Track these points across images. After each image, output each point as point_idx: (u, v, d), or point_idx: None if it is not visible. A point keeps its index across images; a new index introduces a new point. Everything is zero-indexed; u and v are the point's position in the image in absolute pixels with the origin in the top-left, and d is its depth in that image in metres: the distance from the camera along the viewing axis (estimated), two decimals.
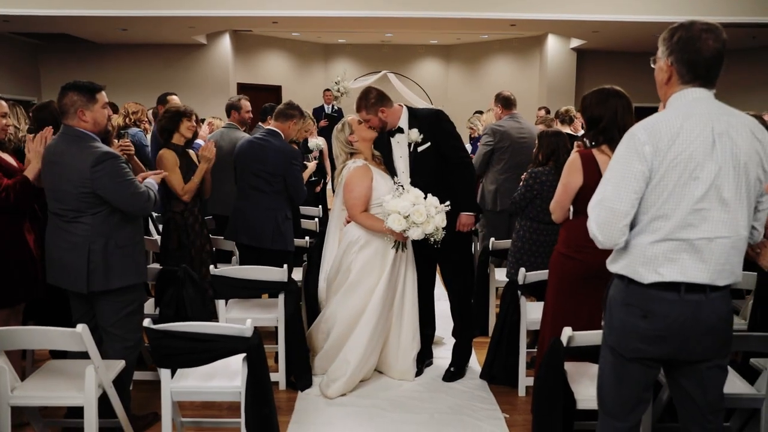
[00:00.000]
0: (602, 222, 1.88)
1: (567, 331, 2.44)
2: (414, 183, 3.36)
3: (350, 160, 3.48)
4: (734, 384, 2.61)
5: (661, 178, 1.82)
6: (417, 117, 3.44)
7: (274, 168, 3.80)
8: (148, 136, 5.18)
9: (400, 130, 3.44)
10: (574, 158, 2.74)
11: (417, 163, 3.41)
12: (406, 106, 3.50)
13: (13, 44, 10.12)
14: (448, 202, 3.25)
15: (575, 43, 10.99)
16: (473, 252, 4.92)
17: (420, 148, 3.39)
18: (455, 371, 3.64)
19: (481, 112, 7.09)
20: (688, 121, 1.81)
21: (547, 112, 7.38)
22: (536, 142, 3.91)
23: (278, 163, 3.81)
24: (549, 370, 2.50)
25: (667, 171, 1.81)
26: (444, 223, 3.21)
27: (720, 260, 1.83)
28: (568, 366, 2.54)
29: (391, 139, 3.48)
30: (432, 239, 3.22)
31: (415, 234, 3.16)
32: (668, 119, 1.83)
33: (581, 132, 4.67)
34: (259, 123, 5.02)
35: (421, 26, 10.22)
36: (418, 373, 3.65)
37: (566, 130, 5.54)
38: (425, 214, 3.13)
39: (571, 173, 2.72)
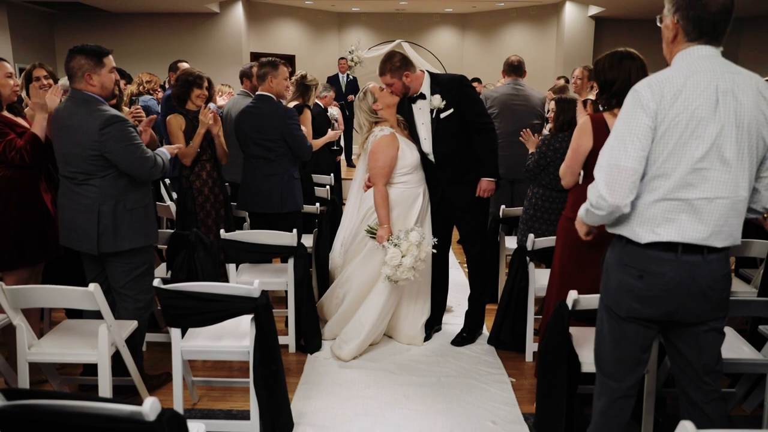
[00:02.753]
0: (610, 181, 1.83)
1: (572, 294, 2.44)
2: (437, 150, 3.40)
3: (377, 127, 3.48)
4: (741, 350, 2.60)
5: (662, 135, 1.79)
6: (439, 83, 3.39)
7: (272, 133, 3.73)
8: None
9: (422, 97, 3.40)
10: (584, 121, 2.71)
11: (439, 130, 3.38)
12: (428, 72, 3.44)
13: (28, 13, 10.14)
14: (430, 246, 3.40)
15: (593, 10, 10.73)
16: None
17: (443, 115, 3.35)
18: (467, 336, 3.68)
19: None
20: (692, 79, 1.78)
21: (567, 81, 7.26)
22: (550, 108, 3.85)
23: (274, 127, 3.72)
24: (554, 333, 2.51)
25: (668, 128, 1.78)
26: (408, 268, 3.26)
27: (719, 221, 1.81)
28: (573, 330, 2.55)
29: (413, 105, 3.45)
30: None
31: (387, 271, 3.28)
32: (672, 76, 1.80)
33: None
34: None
35: None
36: (427, 338, 3.69)
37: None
38: (399, 259, 3.24)
39: (582, 136, 2.69)
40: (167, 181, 5.11)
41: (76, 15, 10.71)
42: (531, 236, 3.32)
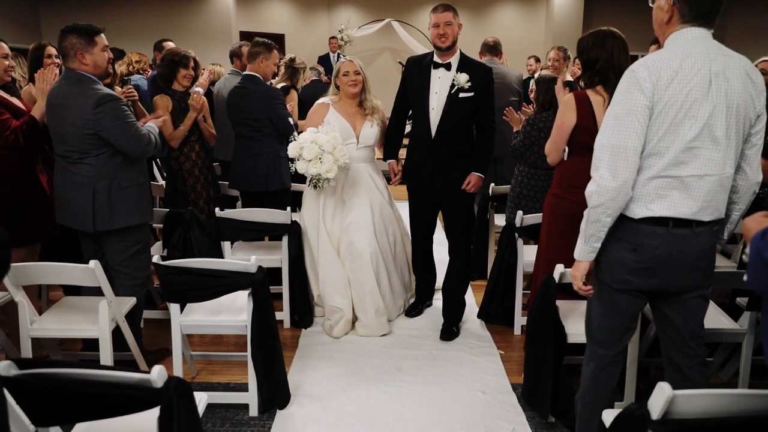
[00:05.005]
0: (614, 161, 1.87)
1: (559, 268, 2.53)
2: (443, 125, 3.31)
3: (329, 95, 3.65)
4: (719, 320, 2.72)
5: (658, 115, 1.85)
6: (468, 63, 3.32)
7: (257, 112, 3.81)
8: None
9: (447, 67, 3.31)
10: (568, 98, 2.77)
11: (452, 107, 3.29)
12: (460, 50, 3.36)
13: None
14: (347, 158, 3.32)
15: None
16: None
17: (461, 94, 3.28)
18: (457, 330, 3.59)
19: None
20: (687, 60, 1.83)
21: (537, 60, 7.32)
22: (533, 87, 3.91)
23: (259, 107, 3.80)
24: (541, 305, 2.61)
25: (664, 108, 1.84)
26: (331, 175, 3.26)
27: (707, 197, 1.90)
28: (560, 303, 2.64)
29: (434, 70, 3.34)
30: (316, 182, 3.31)
31: (300, 167, 3.27)
32: (667, 58, 1.85)
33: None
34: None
35: None
36: (418, 313, 3.78)
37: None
38: (316, 154, 3.23)
39: (565, 113, 2.75)
40: (158, 161, 5.14)
41: None
42: (519, 213, 3.41)
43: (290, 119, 3.90)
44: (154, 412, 1.65)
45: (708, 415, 1.53)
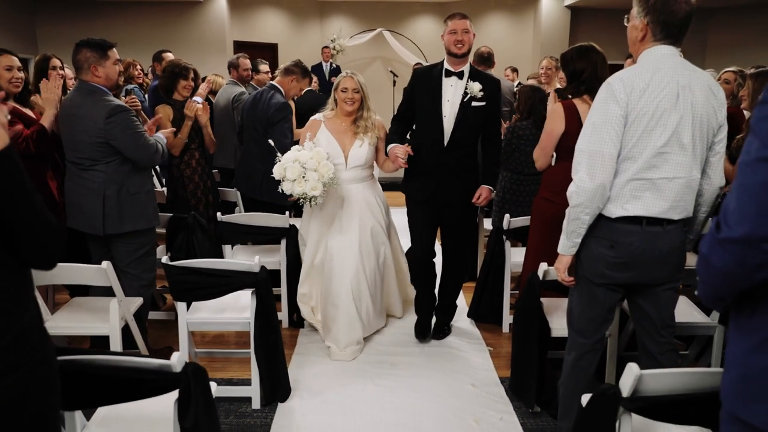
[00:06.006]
0: (591, 165, 2.07)
1: (543, 266, 2.72)
2: (456, 133, 3.28)
3: (325, 110, 3.61)
4: (693, 315, 2.91)
5: (631, 123, 2.05)
6: (478, 75, 3.35)
7: (262, 119, 4.02)
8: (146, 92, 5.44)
9: (459, 75, 3.29)
10: (556, 107, 2.96)
11: (465, 116, 3.28)
12: (470, 62, 3.40)
13: (8, 2, 10.11)
14: (333, 172, 3.24)
15: (569, 0, 11.02)
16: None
17: (474, 103, 3.27)
18: (448, 329, 3.73)
19: None
20: (657, 75, 2.03)
21: (514, 71, 7.56)
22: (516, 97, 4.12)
23: (265, 114, 4.02)
24: (527, 301, 2.79)
25: (637, 117, 2.04)
26: (316, 192, 3.20)
27: (676, 197, 2.09)
28: (544, 300, 2.83)
29: (445, 79, 3.31)
30: (304, 201, 3.25)
31: (286, 188, 3.23)
32: (640, 72, 2.05)
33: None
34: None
35: None
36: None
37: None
38: (299, 173, 3.18)
39: (554, 120, 2.94)
40: (158, 168, 5.29)
41: (58, 3, 10.67)
42: (507, 216, 3.59)
43: (288, 136, 4.02)
44: (168, 400, 1.82)
45: (671, 392, 1.72)
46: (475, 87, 3.25)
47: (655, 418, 1.78)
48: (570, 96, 2.99)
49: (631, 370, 1.69)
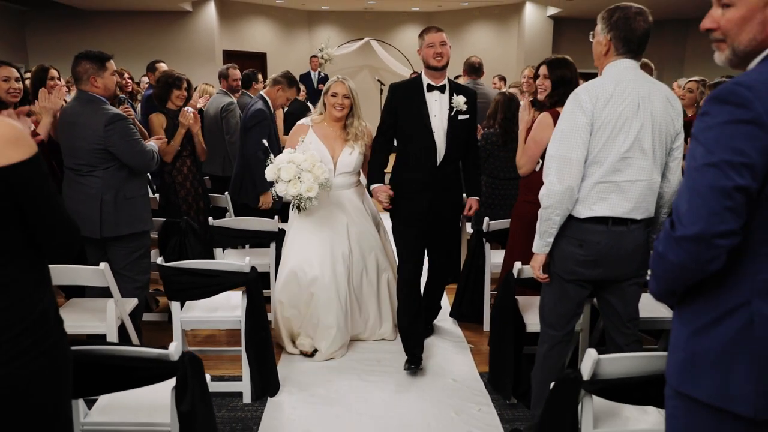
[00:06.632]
0: (560, 169, 2.25)
1: (517, 265, 2.89)
2: (448, 150, 3.25)
3: (313, 114, 3.61)
4: (659, 310, 3.09)
5: (597, 131, 2.23)
6: (458, 87, 3.36)
7: (240, 126, 4.26)
8: (138, 97, 5.63)
9: (441, 89, 3.28)
10: (544, 116, 3.08)
11: (454, 129, 3.27)
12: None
13: None
14: (327, 174, 3.25)
15: (552, 11, 11.30)
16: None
17: (460, 117, 3.28)
18: (431, 329, 3.85)
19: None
20: (620, 86, 2.22)
21: (501, 79, 7.79)
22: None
23: (243, 121, 4.27)
24: (503, 298, 2.96)
25: (602, 125, 2.22)
26: (312, 193, 3.18)
27: (639, 199, 2.27)
28: (520, 299, 3.00)
29: (428, 93, 3.27)
30: (299, 203, 3.24)
31: (280, 189, 3.21)
32: (604, 84, 2.24)
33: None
34: (242, 90, 5.44)
35: None
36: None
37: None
38: (294, 173, 3.17)
39: (543, 129, 3.05)
40: (149, 176, 5.42)
41: (48, 13, 10.79)
42: (486, 219, 3.77)
43: (263, 143, 4.02)
44: (165, 391, 1.96)
45: (627, 374, 1.89)
46: (461, 100, 3.26)
47: (614, 399, 1.95)
48: (555, 103, 3.10)
49: (590, 354, 1.86)
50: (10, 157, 1.26)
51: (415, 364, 3.28)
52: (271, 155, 3.31)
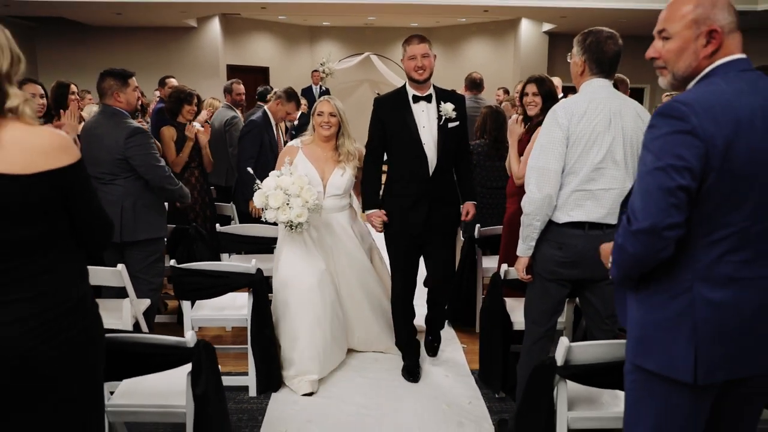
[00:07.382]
0: (539, 179, 2.48)
1: (504, 266, 3.11)
2: (440, 161, 3.20)
3: (305, 135, 3.57)
4: None
5: (573, 144, 2.45)
6: (445, 94, 3.29)
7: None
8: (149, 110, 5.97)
9: (427, 99, 3.23)
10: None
11: (445, 138, 3.22)
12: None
13: (9, 27, 10.25)
14: (316, 197, 3.18)
15: (547, 27, 11.60)
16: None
17: (450, 125, 3.22)
18: (439, 343, 3.74)
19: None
20: (593, 103, 2.46)
21: (506, 92, 8.04)
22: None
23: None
24: (491, 299, 3.18)
25: (577, 139, 2.45)
26: (302, 219, 3.13)
27: (612, 205, 2.48)
28: (507, 300, 3.21)
29: (414, 105, 3.23)
30: (290, 227, 3.20)
31: (269, 216, 3.17)
32: (579, 101, 2.48)
33: None
34: (259, 103, 5.77)
35: (401, 11, 10.79)
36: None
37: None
38: (283, 200, 3.12)
39: None
40: None
41: (58, 29, 11.11)
42: (477, 226, 4.00)
43: (248, 171, 3.91)
44: (180, 378, 2.16)
45: (597, 360, 2.11)
46: (449, 107, 3.20)
47: (586, 383, 2.17)
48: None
49: (563, 342, 2.08)
50: (61, 161, 1.49)
51: (413, 378, 3.41)
52: (258, 181, 3.23)
